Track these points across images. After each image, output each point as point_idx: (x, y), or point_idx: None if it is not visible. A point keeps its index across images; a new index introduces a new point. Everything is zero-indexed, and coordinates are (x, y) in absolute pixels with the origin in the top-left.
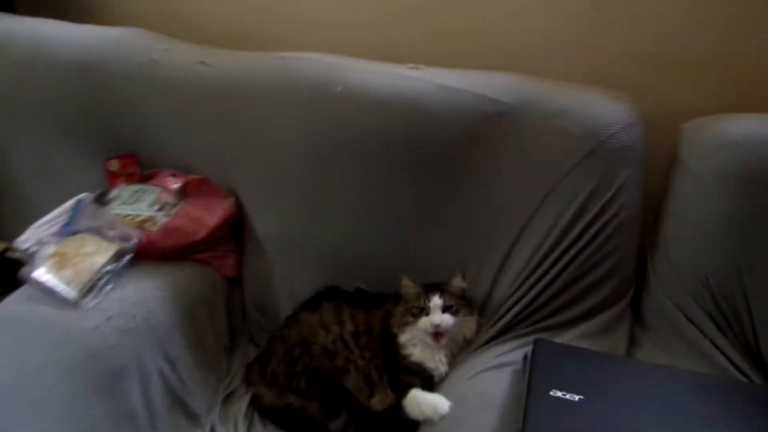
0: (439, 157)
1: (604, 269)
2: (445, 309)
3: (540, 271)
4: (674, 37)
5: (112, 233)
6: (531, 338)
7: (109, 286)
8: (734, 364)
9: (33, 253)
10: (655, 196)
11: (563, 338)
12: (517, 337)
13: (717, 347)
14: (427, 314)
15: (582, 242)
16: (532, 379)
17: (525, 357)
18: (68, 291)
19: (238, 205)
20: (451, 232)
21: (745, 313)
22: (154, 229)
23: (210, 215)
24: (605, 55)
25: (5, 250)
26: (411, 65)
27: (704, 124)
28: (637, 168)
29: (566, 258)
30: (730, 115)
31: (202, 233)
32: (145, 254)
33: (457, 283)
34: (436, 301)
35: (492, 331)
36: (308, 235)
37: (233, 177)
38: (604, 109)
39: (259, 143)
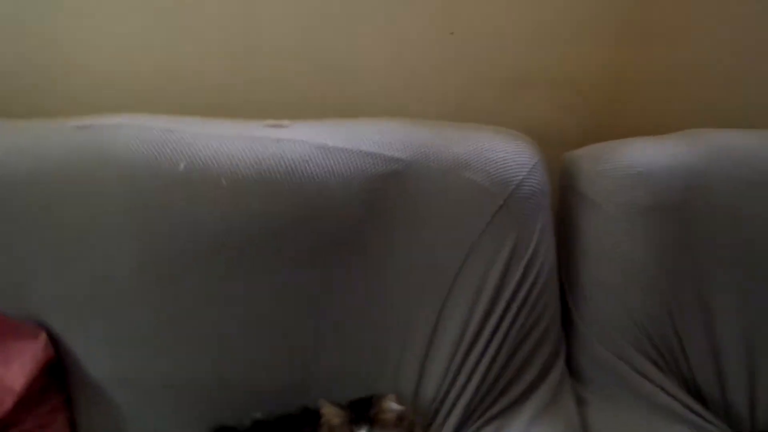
0: (329, 240)
1: (540, 330)
2: None
3: (477, 351)
4: (524, 57)
5: None
6: None
7: None
8: (686, 406)
9: None
10: (556, 232)
11: (520, 424)
12: None
13: (664, 390)
14: None
15: (514, 308)
16: None
17: None
18: None
19: (54, 343)
20: (359, 328)
21: (680, 351)
22: None
23: (13, 372)
24: (463, 81)
25: None
26: (271, 122)
27: (598, 153)
28: (548, 213)
29: (502, 329)
30: (620, 142)
31: (8, 404)
32: None
33: (389, 406)
34: None
35: None
36: (167, 370)
37: (39, 305)
38: (506, 151)
39: (72, 255)
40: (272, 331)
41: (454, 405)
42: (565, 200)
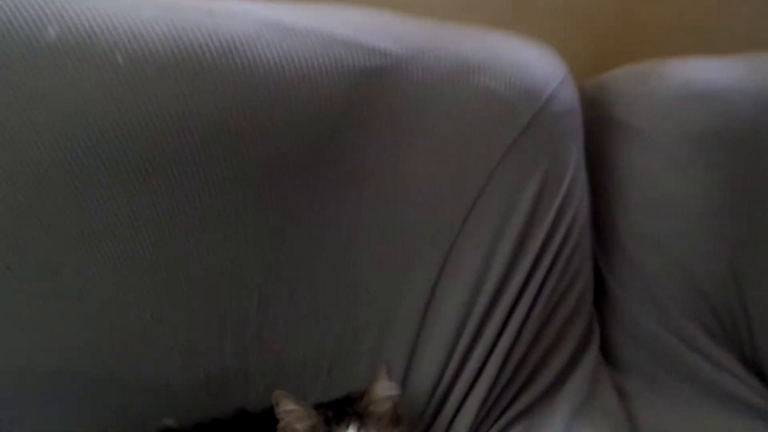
0: (283, 158)
1: (574, 298)
2: None
3: (492, 326)
4: None
5: None
6: None
7: None
8: (753, 389)
9: None
10: None
11: (556, 426)
12: None
13: (728, 371)
14: None
15: (544, 265)
16: None
17: None
18: None
19: None
20: (323, 293)
21: (744, 323)
22: None
23: None
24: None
25: None
26: None
27: (642, 72)
28: (581, 143)
29: (528, 295)
30: (667, 60)
31: None
32: None
33: (382, 390)
34: None
35: None
36: (28, 356)
37: None
38: (531, 56)
39: None
40: (193, 294)
41: (463, 400)
42: (594, 134)
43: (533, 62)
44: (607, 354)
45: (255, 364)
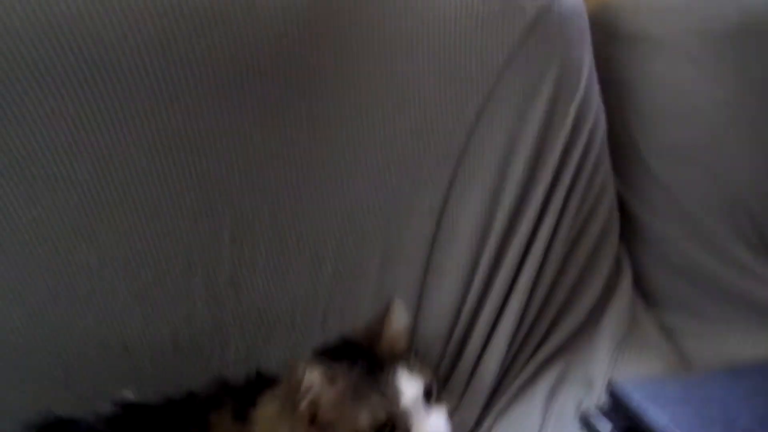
0: (272, 55)
1: (602, 218)
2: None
3: (514, 249)
4: None
5: None
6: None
7: None
8: None
9: None
10: None
11: (600, 363)
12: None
13: None
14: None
15: (566, 179)
16: None
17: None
18: None
19: None
20: (312, 227)
21: None
22: None
23: None
24: None
25: None
26: None
27: None
28: (591, 50)
29: (552, 211)
30: None
31: None
32: None
33: (400, 320)
34: (408, 385)
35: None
36: None
37: None
38: None
39: None
40: (149, 225)
41: (489, 336)
42: (601, 51)
43: None
44: (642, 291)
45: (232, 319)
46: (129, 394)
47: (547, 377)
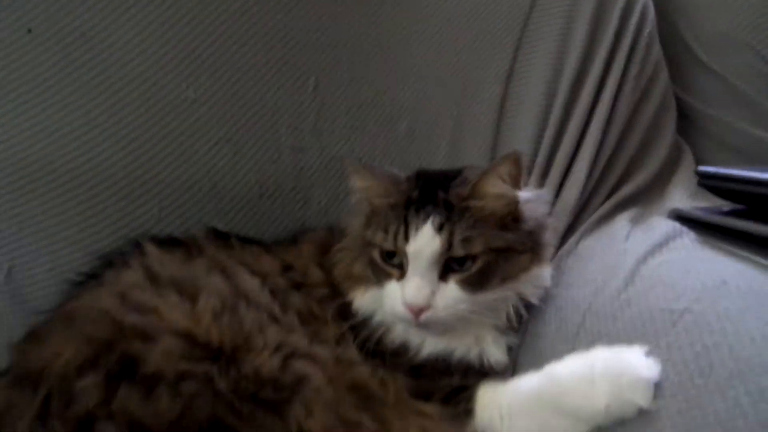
0: None
1: (657, 98)
2: (448, 264)
3: (578, 117)
4: None
5: None
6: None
7: None
8: None
9: None
10: None
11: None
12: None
13: None
14: (402, 275)
15: (621, 60)
16: None
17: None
18: None
19: None
20: (385, 86)
21: None
22: None
23: None
24: None
25: None
26: None
27: None
28: None
29: (610, 87)
30: None
31: None
32: None
33: (493, 186)
34: (424, 238)
35: None
36: (61, 146)
37: None
38: None
39: None
40: (240, 74)
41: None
42: None
43: None
44: None
45: (315, 167)
46: (218, 224)
47: (626, 213)
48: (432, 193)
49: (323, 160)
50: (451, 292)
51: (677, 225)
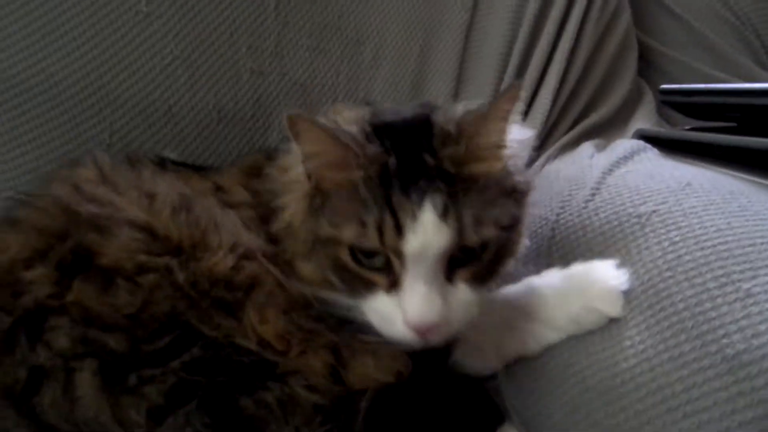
0: None
1: (621, 31)
2: (454, 258)
3: (545, 40)
4: None
5: None
6: None
7: None
8: None
9: None
10: None
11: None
12: None
13: None
14: (394, 282)
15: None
16: None
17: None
18: None
19: None
20: (350, 9)
21: None
22: None
23: None
24: None
25: None
26: None
27: None
28: None
29: (573, 21)
30: None
31: None
32: None
33: (493, 132)
34: (427, 229)
35: None
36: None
37: None
38: None
39: None
40: None
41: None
42: None
43: None
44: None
45: (275, 93)
46: (169, 154)
47: (590, 141)
48: (415, 157)
49: (285, 85)
50: (463, 295)
51: (641, 142)
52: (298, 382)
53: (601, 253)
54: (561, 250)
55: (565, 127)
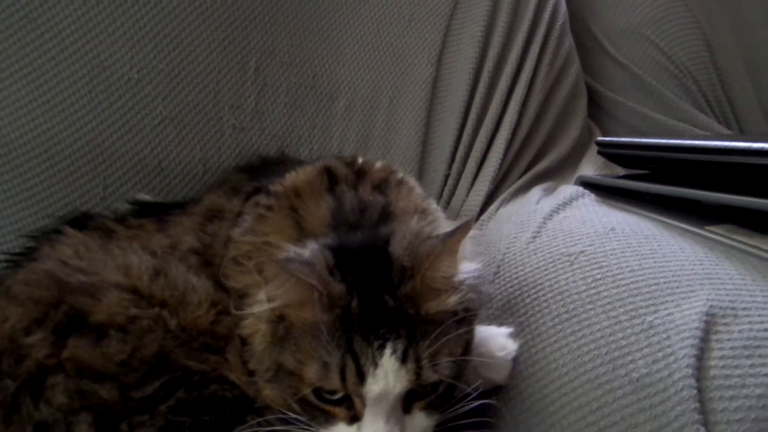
0: None
1: (570, 82)
2: (409, 397)
3: (500, 93)
4: None
5: None
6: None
7: None
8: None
9: None
10: None
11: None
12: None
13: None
14: (354, 417)
15: (535, 49)
16: None
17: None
18: None
19: None
20: (324, 67)
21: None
22: None
23: None
24: None
25: None
26: None
27: None
28: None
29: (527, 70)
30: None
31: None
32: None
33: (448, 267)
34: (388, 374)
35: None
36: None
37: None
38: None
39: None
40: (183, 52)
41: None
42: None
43: None
44: None
45: (255, 149)
46: (143, 196)
47: (541, 185)
48: (376, 297)
49: (264, 139)
50: (419, 423)
51: (581, 188)
52: (273, 413)
53: (536, 286)
54: (504, 282)
55: (518, 171)
